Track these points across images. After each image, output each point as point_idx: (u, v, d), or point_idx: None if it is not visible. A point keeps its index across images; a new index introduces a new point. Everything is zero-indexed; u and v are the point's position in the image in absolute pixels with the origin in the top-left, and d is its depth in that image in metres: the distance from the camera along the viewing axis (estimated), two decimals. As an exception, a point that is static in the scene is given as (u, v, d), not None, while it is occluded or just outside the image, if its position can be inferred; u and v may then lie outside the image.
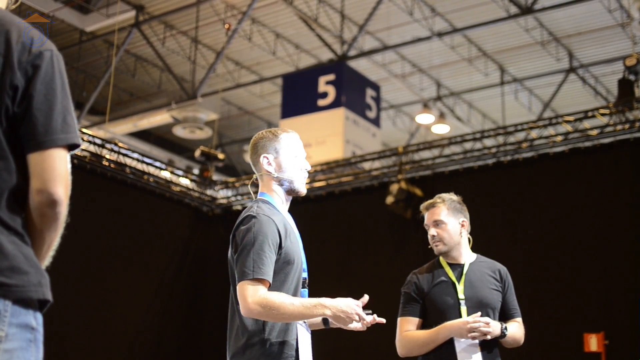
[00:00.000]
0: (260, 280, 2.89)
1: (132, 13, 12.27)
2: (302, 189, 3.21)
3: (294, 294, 3.01)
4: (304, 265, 3.15)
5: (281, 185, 3.17)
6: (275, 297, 2.88)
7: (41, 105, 1.81)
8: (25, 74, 1.82)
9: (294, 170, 3.17)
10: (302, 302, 2.91)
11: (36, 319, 1.80)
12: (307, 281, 3.16)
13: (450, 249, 3.81)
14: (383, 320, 3.07)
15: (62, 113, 1.84)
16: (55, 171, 1.80)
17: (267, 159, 3.15)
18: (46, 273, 1.84)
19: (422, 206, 3.91)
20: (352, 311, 2.92)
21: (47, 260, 1.89)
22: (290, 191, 3.19)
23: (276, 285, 2.97)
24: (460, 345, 3.62)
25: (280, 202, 3.17)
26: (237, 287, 2.92)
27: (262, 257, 2.91)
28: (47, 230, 1.84)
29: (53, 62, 1.86)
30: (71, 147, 1.86)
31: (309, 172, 3.27)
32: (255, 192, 3.25)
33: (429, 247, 3.87)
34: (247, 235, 2.95)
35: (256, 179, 3.27)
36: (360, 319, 2.96)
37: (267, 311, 2.85)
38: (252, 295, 2.86)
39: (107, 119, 11.96)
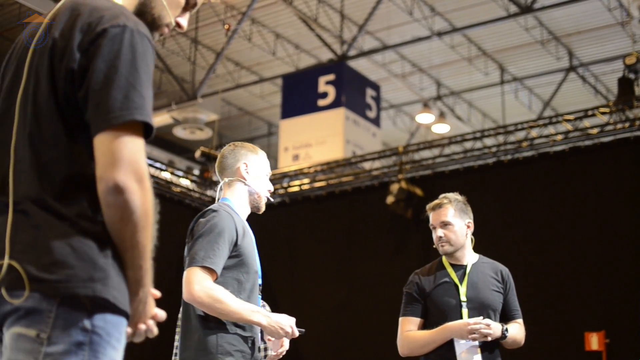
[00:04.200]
0: (209, 270, 2.93)
1: (132, 14, 12.26)
2: (263, 207, 3.34)
3: (249, 299, 3.06)
4: (260, 273, 3.21)
5: (249, 196, 3.28)
6: (221, 291, 2.92)
7: (99, 85, 1.65)
8: (85, 54, 1.68)
9: (263, 187, 3.31)
10: (244, 304, 2.95)
11: (93, 320, 1.61)
12: (261, 288, 3.23)
13: (456, 249, 3.79)
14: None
15: (124, 89, 1.64)
16: (113, 154, 1.61)
17: (247, 166, 3.25)
18: (111, 269, 1.64)
19: (428, 206, 3.89)
20: (287, 326, 3.02)
21: (143, 262, 1.67)
22: (253, 204, 3.30)
23: (233, 287, 3.00)
24: (460, 346, 3.62)
25: (243, 210, 3.26)
26: (185, 272, 2.96)
27: (214, 247, 2.95)
28: (116, 222, 1.63)
29: (122, 38, 1.68)
30: (146, 128, 1.67)
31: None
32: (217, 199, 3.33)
33: (433, 246, 3.86)
34: (205, 226, 3.01)
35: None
36: (292, 334, 3.06)
37: (211, 302, 2.89)
38: (198, 282, 2.90)
39: (108, 120, 11.92)
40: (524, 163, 8.79)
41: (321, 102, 12.09)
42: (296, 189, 10.34)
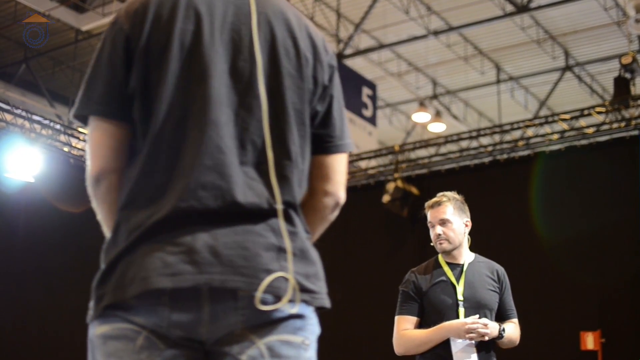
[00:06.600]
0: None
1: (128, 12, 12.23)
2: None
3: None
4: None
5: None
6: None
7: (339, 108, 1.81)
8: (326, 72, 1.79)
9: None
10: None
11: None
12: None
13: (454, 248, 3.78)
14: None
15: (345, 119, 1.85)
16: (343, 175, 1.82)
17: None
18: None
19: (427, 204, 3.87)
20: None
21: None
22: None
23: None
24: (456, 345, 3.61)
25: None
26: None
27: None
28: (318, 231, 1.82)
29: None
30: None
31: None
32: None
33: (431, 244, 3.85)
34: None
35: None
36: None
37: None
38: None
39: (103, 118, 11.89)
40: (520, 162, 8.79)
41: (317, 101, 12.07)
42: (292, 187, 10.32)
